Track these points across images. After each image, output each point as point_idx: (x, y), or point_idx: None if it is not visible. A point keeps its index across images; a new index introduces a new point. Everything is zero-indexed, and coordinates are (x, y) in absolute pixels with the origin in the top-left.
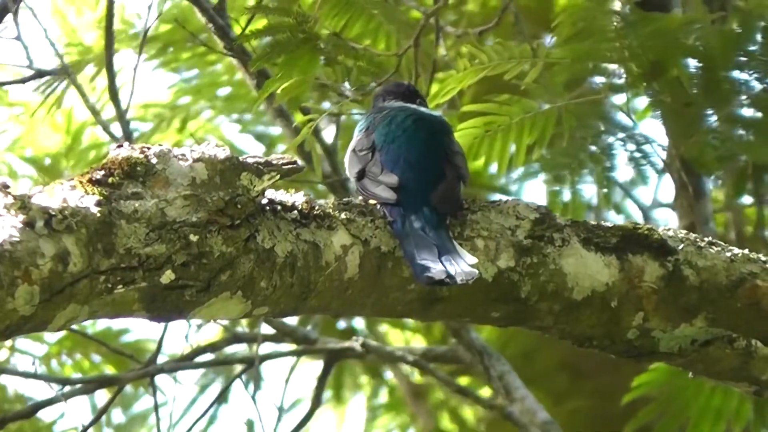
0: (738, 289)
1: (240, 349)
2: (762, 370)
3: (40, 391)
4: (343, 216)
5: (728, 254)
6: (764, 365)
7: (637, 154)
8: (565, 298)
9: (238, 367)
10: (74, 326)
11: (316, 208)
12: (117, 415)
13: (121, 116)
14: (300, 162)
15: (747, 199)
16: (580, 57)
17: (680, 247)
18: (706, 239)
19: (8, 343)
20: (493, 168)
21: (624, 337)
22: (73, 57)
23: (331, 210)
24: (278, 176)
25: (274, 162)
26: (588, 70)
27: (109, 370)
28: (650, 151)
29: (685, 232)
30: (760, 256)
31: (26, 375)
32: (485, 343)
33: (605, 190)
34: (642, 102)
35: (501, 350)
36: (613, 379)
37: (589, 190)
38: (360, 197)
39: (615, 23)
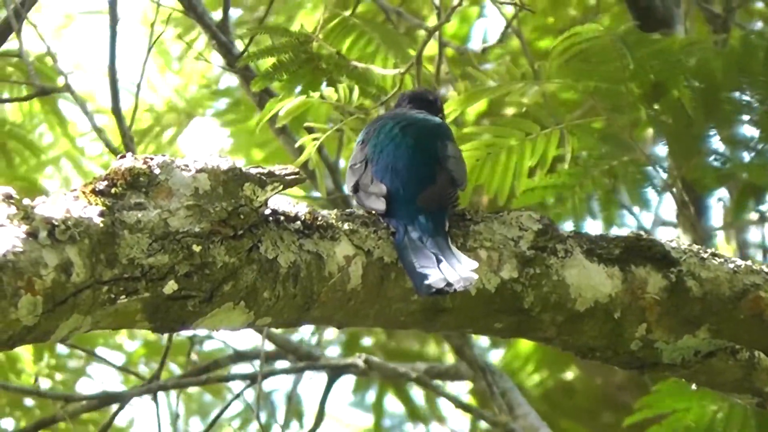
0: (741, 300)
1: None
2: (765, 381)
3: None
4: (346, 227)
5: (731, 266)
6: (767, 377)
7: (639, 176)
8: (567, 309)
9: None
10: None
11: (319, 218)
12: None
13: (124, 133)
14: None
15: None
16: (582, 78)
17: (683, 259)
18: (709, 251)
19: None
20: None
21: (627, 348)
22: None
23: (334, 221)
24: (281, 187)
25: (277, 172)
26: (589, 90)
27: None
28: (652, 173)
29: (688, 243)
30: (763, 267)
31: (29, 392)
32: (488, 359)
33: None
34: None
35: (540, 384)
36: None
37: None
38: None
39: (615, 44)
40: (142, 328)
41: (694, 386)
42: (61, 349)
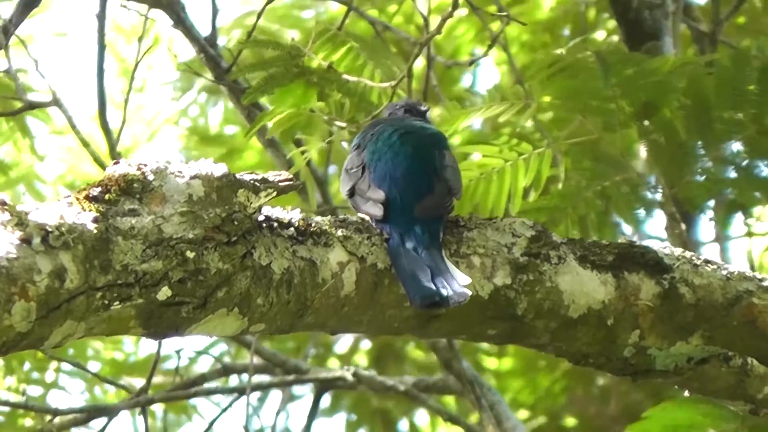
0: (734, 307)
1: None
2: (758, 388)
3: None
4: (339, 233)
5: (724, 272)
6: (760, 384)
7: (632, 197)
8: (561, 316)
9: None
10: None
11: (313, 225)
12: None
13: (112, 147)
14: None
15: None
16: (572, 95)
17: (676, 265)
18: (701, 257)
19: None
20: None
21: (620, 354)
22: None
23: (327, 227)
24: (275, 193)
25: (271, 179)
26: (579, 108)
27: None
28: (644, 193)
29: (681, 250)
30: (756, 274)
31: (16, 405)
32: (476, 372)
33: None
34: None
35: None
36: None
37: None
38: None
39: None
40: (135, 334)
41: (686, 393)
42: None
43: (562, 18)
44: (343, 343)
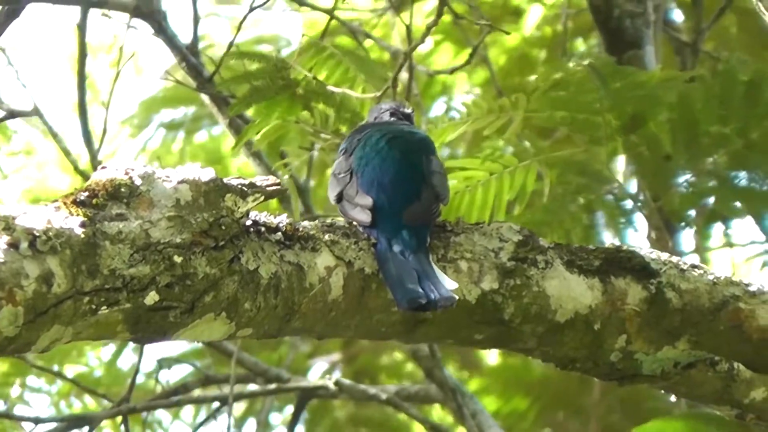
0: (721, 311)
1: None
2: (744, 393)
3: None
4: (326, 238)
5: (711, 277)
6: (746, 388)
7: (617, 211)
8: (548, 321)
9: None
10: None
11: (300, 229)
12: None
13: (93, 157)
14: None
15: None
16: (558, 108)
17: (663, 270)
18: (688, 262)
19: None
20: None
21: (607, 359)
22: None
23: (314, 232)
24: (262, 198)
25: (258, 183)
26: (566, 120)
27: None
28: (629, 207)
29: (667, 255)
30: (742, 279)
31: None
32: (458, 381)
33: None
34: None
35: None
36: None
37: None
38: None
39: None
40: (123, 339)
41: (673, 398)
42: None
43: (538, 42)
44: (317, 369)
